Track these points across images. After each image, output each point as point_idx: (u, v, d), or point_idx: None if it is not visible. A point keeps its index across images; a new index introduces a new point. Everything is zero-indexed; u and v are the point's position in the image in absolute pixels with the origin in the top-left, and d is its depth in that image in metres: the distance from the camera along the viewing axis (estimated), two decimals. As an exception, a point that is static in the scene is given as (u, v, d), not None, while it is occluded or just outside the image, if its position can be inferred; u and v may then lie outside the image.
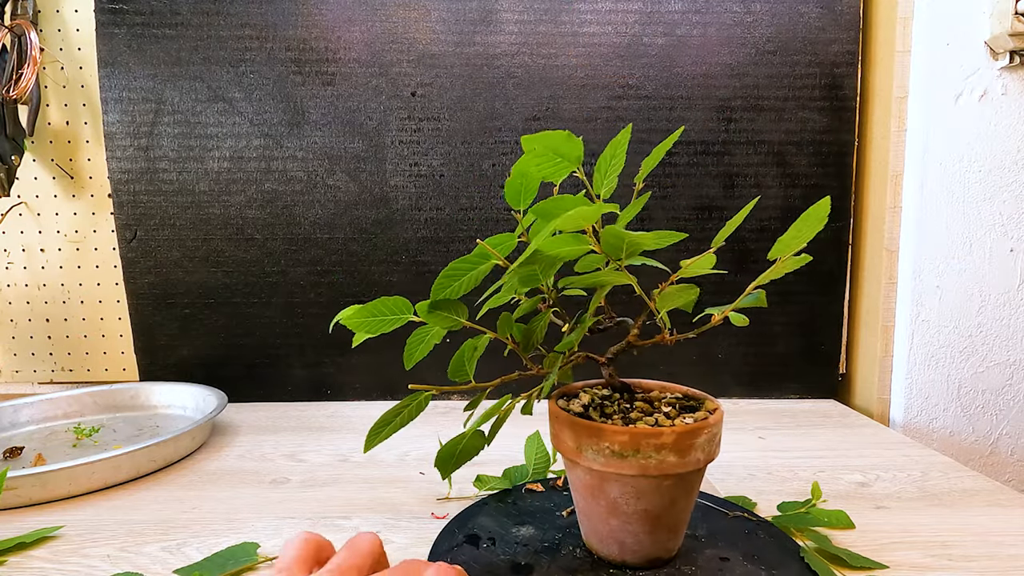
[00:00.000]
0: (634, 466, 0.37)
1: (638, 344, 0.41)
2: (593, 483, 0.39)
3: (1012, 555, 0.44)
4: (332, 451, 0.65)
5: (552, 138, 0.35)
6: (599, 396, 0.44)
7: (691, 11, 0.78)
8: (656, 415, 0.40)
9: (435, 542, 0.44)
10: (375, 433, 0.39)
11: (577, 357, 0.42)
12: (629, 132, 0.38)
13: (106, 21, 0.78)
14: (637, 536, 0.39)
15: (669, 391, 0.45)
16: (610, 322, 0.42)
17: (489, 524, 0.46)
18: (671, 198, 0.81)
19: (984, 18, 0.70)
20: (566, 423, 0.39)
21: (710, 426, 0.38)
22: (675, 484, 0.38)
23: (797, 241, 0.35)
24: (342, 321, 0.38)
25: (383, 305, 0.38)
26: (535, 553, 0.42)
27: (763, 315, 0.82)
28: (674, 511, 0.39)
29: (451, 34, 0.78)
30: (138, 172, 0.80)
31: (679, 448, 0.37)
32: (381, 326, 0.38)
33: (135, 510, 0.52)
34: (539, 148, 0.35)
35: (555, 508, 0.49)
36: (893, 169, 0.75)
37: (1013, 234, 0.73)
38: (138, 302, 0.82)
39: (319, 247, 0.82)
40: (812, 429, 0.72)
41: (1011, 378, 0.74)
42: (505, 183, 0.39)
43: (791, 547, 0.43)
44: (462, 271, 0.37)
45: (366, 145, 0.80)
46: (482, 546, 0.43)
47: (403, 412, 0.39)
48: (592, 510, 0.40)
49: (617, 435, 0.36)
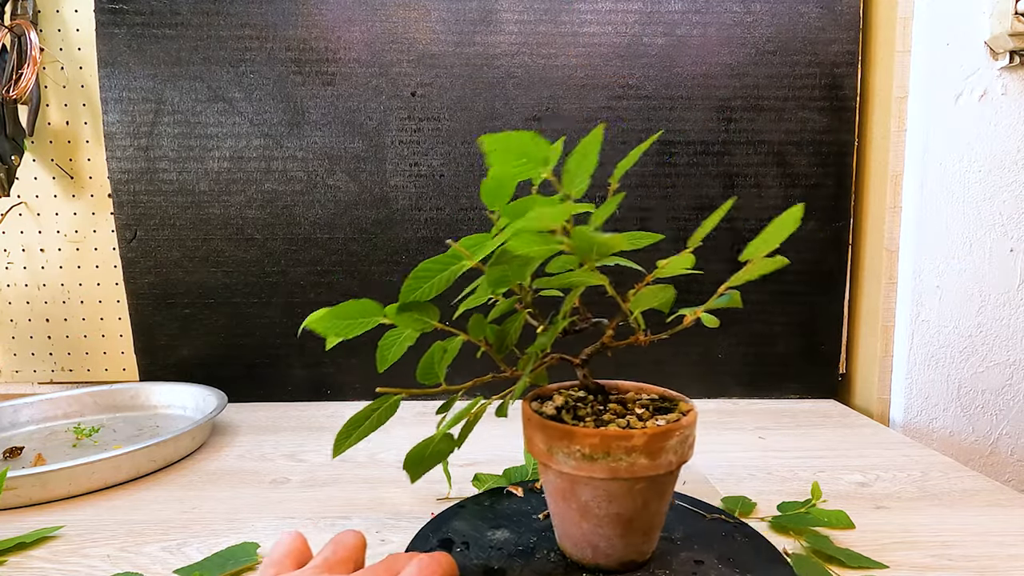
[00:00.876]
0: (605, 469, 0.36)
1: (612, 345, 0.41)
2: (565, 486, 0.39)
3: (1012, 555, 0.44)
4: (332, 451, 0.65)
5: (515, 138, 0.34)
6: (573, 398, 0.43)
7: (691, 11, 0.78)
8: (628, 417, 0.39)
9: (408, 547, 0.44)
10: (344, 437, 0.38)
11: (551, 358, 0.42)
12: (601, 132, 0.37)
13: (106, 21, 0.78)
14: (609, 539, 0.39)
15: (646, 392, 0.45)
16: (586, 323, 0.42)
17: (464, 528, 0.46)
18: (671, 198, 0.81)
19: (984, 18, 0.70)
20: (537, 425, 0.38)
21: (682, 428, 0.37)
22: (647, 487, 0.37)
23: (768, 244, 0.34)
24: (310, 326, 0.37)
25: (352, 308, 0.37)
26: (508, 557, 0.42)
27: (763, 315, 0.82)
28: (646, 514, 0.39)
29: (451, 34, 0.78)
30: (138, 172, 0.80)
31: (650, 450, 0.36)
32: (350, 329, 0.37)
33: (135, 510, 0.52)
34: (502, 149, 0.34)
35: (532, 511, 0.48)
36: (893, 169, 0.75)
37: (1013, 234, 0.73)
38: (138, 302, 0.82)
39: (319, 247, 0.82)
40: (812, 429, 0.72)
41: (1011, 378, 0.74)
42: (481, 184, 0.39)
43: (767, 549, 0.43)
44: (433, 272, 0.36)
45: (366, 145, 0.80)
46: (455, 550, 0.43)
47: (372, 416, 0.38)
48: (564, 513, 0.40)
49: (587, 437, 0.36)
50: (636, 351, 0.82)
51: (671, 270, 0.36)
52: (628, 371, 0.83)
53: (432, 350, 0.39)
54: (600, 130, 0.37)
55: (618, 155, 0.79)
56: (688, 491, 0.55)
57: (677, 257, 0.36)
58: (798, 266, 0.81)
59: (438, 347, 0.39)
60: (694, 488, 0.55)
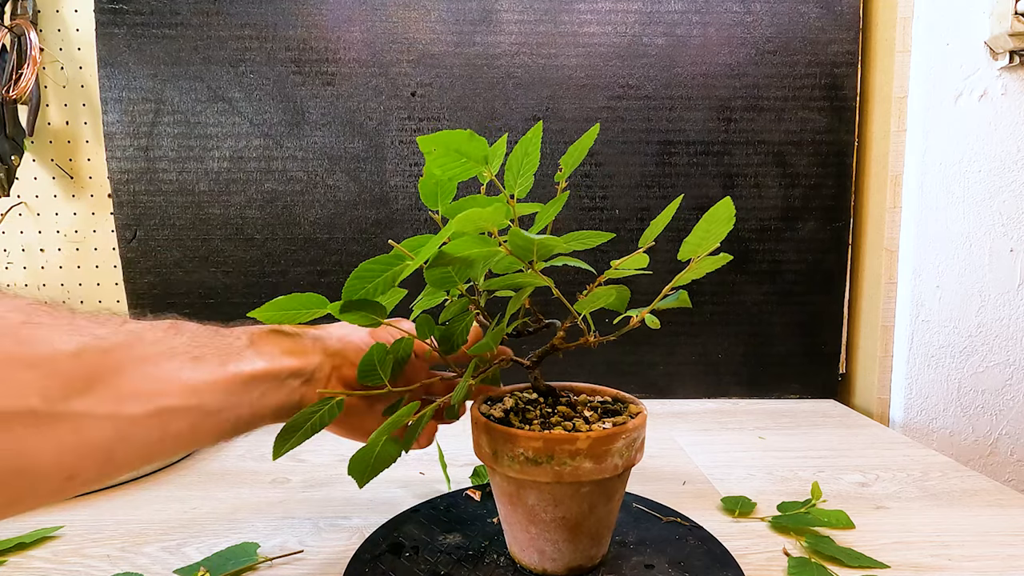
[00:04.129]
0: (549, 473, 0.36)
1: (563, 347, 0.40)
2: (511, 490, 0.38)
3: (1012, 555, 0.44)
4: (332, 451, 0.65)
5: (452, 137, 0.34)
6: (524, 400, 0.43)
7: (691, 11, 0.78)
8: (575, 420, 0.39)
9: (356, 551, 0.44)
10: (283, 440, 0.37)
11: (501, 360, 0.41)
12: (540, 129, 0.36)
13: (106, 21, 0.78)
14: (556, 544, 0.39)
15: (599, 394, 0.44)
16: (539, 325, 0.41)
17: (416, 532, 0.46)
18: (671, 198, 0.80)
19: (984, 18, 0.70)
20: (483, 428, 0.38)
21: (628, 431, 0.37)
22: (593, 490, 0.37)
23: (708, 241, 0.34)
24: (253, 316, 0.37)
25: (295, 300, 0.37)
26: (457, 562, 0.42)
27: (763, 315, 0.82)
28: (594, 518, 0.38)
29: (451, 34, 0.78)
30: (138, 172, 0.80)
31: (595, 454, 0.36)
32: (294, 319, 0.38)
33: (135, 510, 0.52)
34: (440, 149, 0.34)
35: (487, 515, 0.48)
36: (893, 169, 0.75)
37: (1013, 234, 0.73)
38: (138, 302, 0.82)
39: (319, 247, 0.82)
40: (812, 429, 0.72)
41: (1011, 378, 0.74)
42: (419, 183, 0.38)
43: (720, 553, 0.43)
44: (375, 272, 0.35)
45: (366, 145, 0.80)
46: (404, 555, 0.42)
47: (313, 418, 0.37)
48: (512, 518, 0.40)
49: (531, 441, 0.36)
50: (634, 352, 0.83)
51: (624, 270, 0.36)
52: (629, 370, 0.83)
53: (372, 349, 0.38)
54: (539, 127, 0.36)
55: (619, 156, 0.79)
56: (688, 491, 0.55)
57: (631, 257, 0.35)
58: (798, 266, 0.81)
59: (379, 346, 0.38)
60: (694, 488, 0.55)
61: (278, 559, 0.44)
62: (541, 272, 0.35)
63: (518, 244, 0.33)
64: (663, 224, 0.36)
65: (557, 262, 0.38)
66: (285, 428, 0.37)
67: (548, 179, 0.78)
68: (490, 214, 0.31)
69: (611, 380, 0.82)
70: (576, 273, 0.79)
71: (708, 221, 0.33)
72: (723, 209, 0.33)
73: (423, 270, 0.36)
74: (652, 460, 0.62)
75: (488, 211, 0.31)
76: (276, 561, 0.44)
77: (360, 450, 0.38)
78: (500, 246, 0.33)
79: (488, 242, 0.33)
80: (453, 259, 0.34)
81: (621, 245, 0.79)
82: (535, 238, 0.32)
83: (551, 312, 0.42)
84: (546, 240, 0.32)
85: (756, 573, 0.42)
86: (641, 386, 0.84)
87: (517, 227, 0.33)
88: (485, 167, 0.36)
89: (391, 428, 0.37)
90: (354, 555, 0.43)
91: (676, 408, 0.80)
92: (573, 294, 0.37)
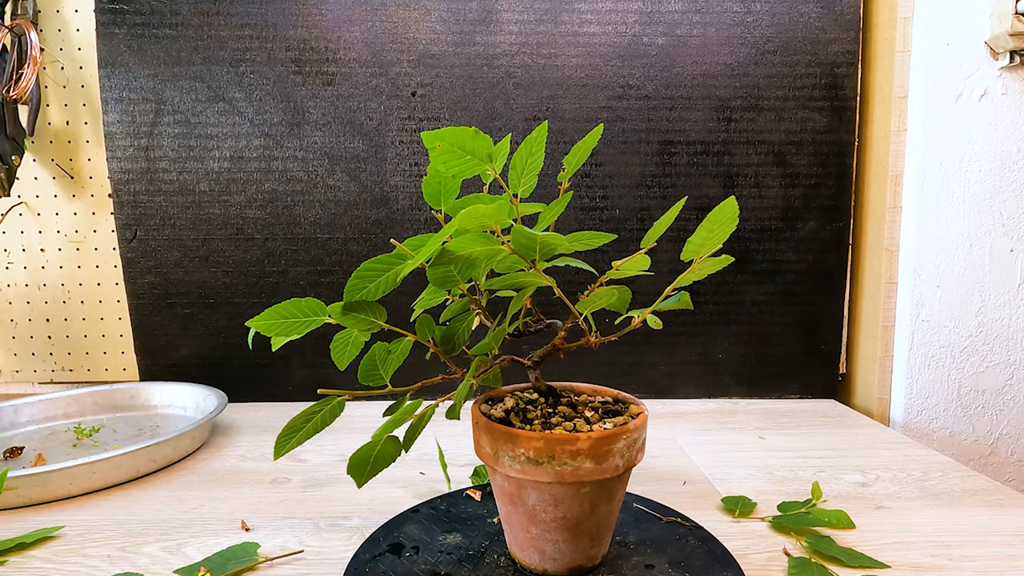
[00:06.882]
0: (550, 473, 0.36)
1: (564, 347, 0.40)
2: (512, 490, 0.38)
3: (1012, 555, 0.44)
4: (332, 451, 0.65)
5: (456, 134, 0.34)
6: (525, 400, 0.43)
7: (691, 11, 0.78)
8: (576, 420, 0.39)
9: (356, 551, 0.44)
10: (284, 440, 0.37)
11: (502, 360, 0.41)
12: (545, 129, 0.36)
13: (106, 21, 0.78)
14: (557, 544, 0.39)
15: (600, 395, 0.44)
16: (540, 324, 0.41)
17: (416, 532, 0.46)
18: (671, 198, 0.81)
19: (984, 18, 0.70)
20: (484, 428, 0.38)
21: (629, 431, 0.37)
22: (593, 491, 0.37)
23: (710, 242, 0.34)
24: (251, 326, 0.36)
25: (294, 307, 0.36)
26: (458, 562, 0.42)
27: (763, 315, 0.82)
28: (594, 518, 0.38)
29: (451, 34, 0.78)
30: (138, 172, 0.80)
31: (595, 454, 0.36)
32: (293, 328, 0.37)
33: (135, 510, 0.52)
34: (444, 145, 0.34)
35: (488, 515, 0.48)
36: (893, 169, 0.75)
37: (1013, 234, 0.73)
38: (138, 302, 0.82)
39: (319, 247, 0.82)
40: (812, 429, 0.72)
41: (1011, 378, 0.74)
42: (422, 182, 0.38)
43: (720, 553, 0.43)
44: (377, 272, 0.35)
45: (366, 145, 0.80)
46: (404, 555, 0.42)
47: (315, 418, 0.37)
48: (512, 518, 0.40)
49: (532, 441, 0.36)
50: (634, 352, 0.83)
51: (626, 271, 0.36)
52: (629, 370, 0.83)
53: (374, 350, 0.37)
54: (544, 127, 0.36)
55: (619, 156, 0.79)
56: (688, 491, 0.55)
57: (632, 258, 0.35)
58: (798, 266, 0.81)
59: (380, 347, 0.38)
60: (694, 488, 0.55)
61: (278, 559, 0.44)
62: (543, 272, 0.35)
63: (521, 242, 0.33)
64: (666, 225, 0.36)
65: (559, 262, 0.38)
66: (286, 429, 0.37)
67: (547, 179, 0.78)
68: (494, 210, 0.31)
69: (612, 380, 0.82)
70: (577, 273, 0.79)
71: (712, 221, 0.33)
72: (727, 209, 0.33)
73: (424, 270, 0.36)
74: (652, 460, 0.62)
75: (492, 207, 0.31)
76: (276, 561, 0.44)
77: (360, 449, 0.38)
78: (503, 245, 0.33)
79: (491, 240, 0.33)
80: (456, 257, 0.34)
81: (621, 245, 0.79)
82: (538, 236, 0.32)
83: (552, 312, 0.42)
84: (549, 238, 0.32)
85: (756, 573, 0.42)
86: (641, 386, 0.84)
87: (520, 225, 0.33)
88: (489, 164, 0.35)
89: (392, 426, 0.37)
90: (354, 555, 0.43)
91: (676, 408, 0.80)
92: (574, 294, 0.37)
